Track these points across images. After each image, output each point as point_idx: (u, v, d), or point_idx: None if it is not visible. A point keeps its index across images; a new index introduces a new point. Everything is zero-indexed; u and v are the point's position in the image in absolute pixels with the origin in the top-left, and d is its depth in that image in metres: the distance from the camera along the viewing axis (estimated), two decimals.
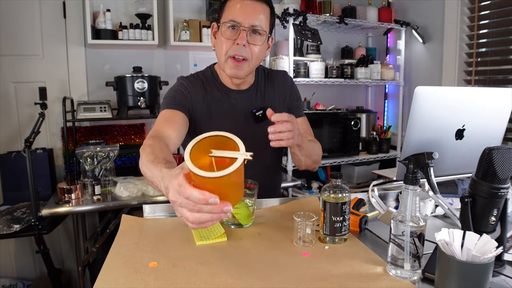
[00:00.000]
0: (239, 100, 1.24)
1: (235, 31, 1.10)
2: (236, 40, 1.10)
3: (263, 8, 1.12)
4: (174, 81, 2.54)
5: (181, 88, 1.20)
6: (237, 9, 1.09)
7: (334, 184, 0.92)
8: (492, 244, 0.64)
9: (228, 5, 1.12)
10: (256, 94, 1.27)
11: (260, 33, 1.12)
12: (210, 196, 0.61)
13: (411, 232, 0.73)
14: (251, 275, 0.77)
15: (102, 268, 0.79)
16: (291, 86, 1.33)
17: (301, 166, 1.22)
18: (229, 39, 1.11)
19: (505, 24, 2.09)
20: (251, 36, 1.11)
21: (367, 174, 2.80)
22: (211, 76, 1.26)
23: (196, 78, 1.25)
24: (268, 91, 1.29)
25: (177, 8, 2.37)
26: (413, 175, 0.76)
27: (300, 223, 0.90)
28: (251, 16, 1.09)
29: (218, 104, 1.22)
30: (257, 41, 1.12)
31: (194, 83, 1.22)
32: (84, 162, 1.92)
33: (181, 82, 1.23)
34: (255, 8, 1.10)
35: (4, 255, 2.24)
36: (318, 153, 1.25)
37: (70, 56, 2.28)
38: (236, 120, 1.23)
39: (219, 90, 1.24)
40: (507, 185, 0.77)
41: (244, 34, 1.09)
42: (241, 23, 1.09)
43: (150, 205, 1.16)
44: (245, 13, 1.08)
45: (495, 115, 1.03)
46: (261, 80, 1.29)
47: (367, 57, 2.72)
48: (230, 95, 1.24)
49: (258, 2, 1.11)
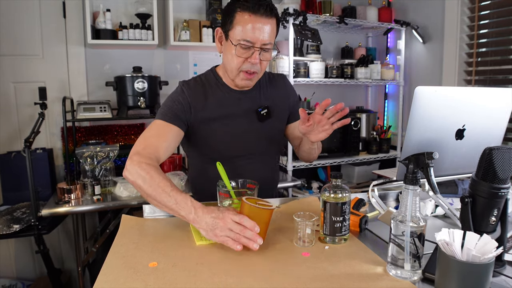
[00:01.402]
0: (242, 100, 1.26)
1: (248, 50, 1.12)
2: (249, 59, 1.13)
3: (271, 22, 1.12)
4: (174, 81, 2.55)
5: (179, 98, 1.20)
6: (250, 29, 1.09)
7: (334, 184, 0.92)
8: (492, 244, 0.64)
9: (238, 19, 1.10)
10: (259, 94, 1.29)
11: (270, 48, 1.15)
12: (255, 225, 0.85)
13: (411, 232, 0.73)
14: (251, 275, 0.77)
15: (102, 268, 0.79)
16: (290, 89, 1.38)
17: (302, 156, 1.31)
18: (241, 56, 1.13)
19: (505, 24, 2.09)
20: (262, 53, 1.14)
21: (367, 174, 2.80)
22: (213, 79, 1.26)
23: (198, 82, 1.25)
24: (270, 92, 1.31)
25: (177, 8, 2.37)
26: (413, 175, 0.76)
27: (300, 223, 0.90)
28: (262, 35, 1.10)
29: (222, 104, 1.23)
30: (267, 57, 1.16)
31: (194, 89, 1.22)
32: (84, 162, 1.92)
33: (181, 89, 1.22)
34: (265, 25, 1.10)
35: (4, 255, 2.24)
36: (317, 152, 1.32)
37: (70, 56, 2.28)
38: (240, 118, 1.25)
39: (222, 91, 1.25)
40: (507, 185, 0.77)
41: (257, 54, 1.12)
42: (254, 43, 1.10)
43: (150, 205, 1.16)
44: (257, 33, 1.09)
45: (495, 115, 1.03)
46: (263, 81, 1.32)
47: (367, 57, 2.71)
48: (234, 95, 1.25)
49: (269, 18, 1.11)
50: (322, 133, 1.09)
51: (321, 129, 1.09)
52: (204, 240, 0.93)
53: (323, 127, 1.08)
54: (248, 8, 1.08)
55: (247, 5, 1.08)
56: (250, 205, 0.87)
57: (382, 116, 3.05)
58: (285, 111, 1.34)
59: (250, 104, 1.26)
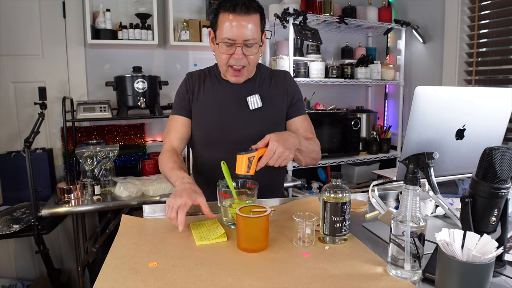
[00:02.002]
0: (236, 90, 1.32)
1: (230, 47, 1.19)
2: (233, 55, 1.20)
3: (253, 18, 1.18)
4: (174, 80, 2.56)
5: (182, 88, 1.36)
6: (230, 27, 1.16)
7: (334, 184, 0.92)
8: (492, 244, 0.64)
9: (221, 19, 1.18)
10: (254, 86, 1.34)
11: (254, 43, 1.20)
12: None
13: (411, 232, 0.73)
14: (251, 275, 0.76)
15: (101, 268, 0.79)
16: (291, 85, 1.38)
17: (302, 164, 1.30)
18: (226, 53, 1.21)
19: (505, 24, 2.09)
20: (246, 49, 1.20)
21: (367, 174, 2.80)
22: (214, 70, 1.37)
23: (201, 72, 1.38)
24: (267, 85, 1.36)
25: (177, 8, 2.37)
26: (413, 175, 0.76)
27: (300, 223, 0.90)
28: (243, 32, 1.16)
29: (216, 92, 1.33)
30: (252, 51, 1.22)
31: (196, 78, 1.36)
32: (84, 162, 1.92)
33: (185, 79, 1.38)
34: (246, 22, 1.16)
35: (3, 255, 2.24)
36: (317, 150, 1.31)
37: (69, 56, 2.28)
38: (231, 106, 1.31)
39: (218, 82, 1.34)
40: (508, 185, 0.77)
41: (240, 49, 1.19)
42: (235, 40, 1.17)
43: (150, 205, 1.16)
44: (238, 30, 1.16)
45: (496, 115, 1.03)
46: (262, 75, 1.37)
47: (367, 57, 2.71)
48: (228, 85, 1.33)
49: (248, 15, 1.16)
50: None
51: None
52: (204, 240, 0.93)
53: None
54: (227, 8, 1.16)
55: (226, 5, 1.16)
56: (244, 216, 0.87)
57: (382, 116, 3.05)
58: (283, 105, 1.36)
59: (243, 94, 1.32)
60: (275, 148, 1.05)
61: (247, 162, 1.03)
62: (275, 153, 1.05)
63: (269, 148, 1.05)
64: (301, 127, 1.35)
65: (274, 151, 1.05)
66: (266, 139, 1.07)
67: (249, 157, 1.03)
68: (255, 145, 1.07)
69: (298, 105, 1.38)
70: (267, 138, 1.07)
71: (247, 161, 1.03)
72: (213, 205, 1.20)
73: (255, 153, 1.04)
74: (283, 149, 1.05)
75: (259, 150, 1.05)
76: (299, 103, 1.38)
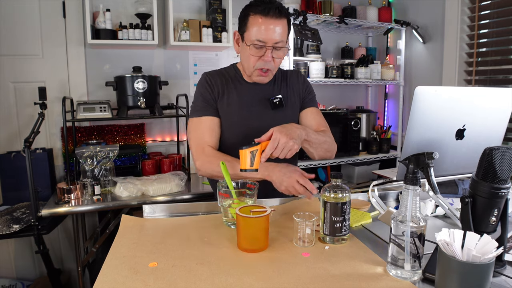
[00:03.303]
0: (258, 91, 1.35)
1: (261, 49, 1.22)
2: (262, 57, 1.23)
3: (283, 22, 1.21)
4: (174, 81, 2.55)
5: (206, 88, 1.33)
6: (262, 30, 1.19)
7: (334, 184, 0.92)
8: (492, 245, 0.64)
9: (251, 21, 1.20)
10: (273, 87, 1.38)
11: (282, 47, 1.24)
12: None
13: (411, 232, 0.73)
14: (251, 275, 0.76)
15: (101, 268, 0.79)
16: (303, 83, 1.43)
17: (315, 157, 1.30)
18: (255, 55, 1.23)
19: (505, 24, 2.09)
20: (275, 52, 1.23)
21: (367, 174, 2.80)
22: (233, 71, 1.39)
23: (219, 72, 1.39)
24: (283, 85, 1.40)
25: (177, 8, 2.37)
26: (413, 175, 0.76)
27: (300, 223, 0.90)
28: (274, 35, 1.19)
29: (239, 93, 1.34)
30: (280, 54, 1.25)
31: (215, 77, 1.36)
32: (84, 162, 1.92)
33: (205, 79, 1.36)
34: (277, 26, 1.19)
35: (3, 255, 2.24)
36: (329, 141, 1.31)
37: (69, 56, 2.28)
38: (255, 107, 1.33)
39: (240, 83, 1.36)
40: (508, 185, 0.77)
41: (269, 52, 1.22)
42: (266, 43, 1.20)
43: (150, 205, 1.16)
44: (269, 33, 1.19)
45: (496, 115, 1.03)
46: (278, 76, 1.41)
47: (367, 57, 2.71)
48: (250, 86, 1.35)
49: (279, 19, 1.19)
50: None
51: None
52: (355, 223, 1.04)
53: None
54: (259, 11, 1.18)
55: (258, 8, 1.18)
56: (244, 216, 0.87)
57: (382, 116, 3.05)
58: (298, 102, 1.40)
59: (264, 94, 1.35)
60: (278, 138, 1.04)
61: (250, 156, 1.02)
62: (278, 144, 1.03)
63: (272, 138, 1.04)
64: (313, 119, 1.38)
65: (277, 141, 1.03)
66: (270, 132, 1.07)
67: (251, 151, 1.02)
68: (258, 139, 1.06)
69: (310, 98, 1.42)
70: (271, 130, 1.07)
71: (249, 155, 1.02)
72: (213, 205, 1.20)
73: (257, 146, 1.03)
74: (286, 139, 1.04)
75: (262, 144, 1.04)
76: (311, 96, 1.43)
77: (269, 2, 1.19)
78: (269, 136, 1.06)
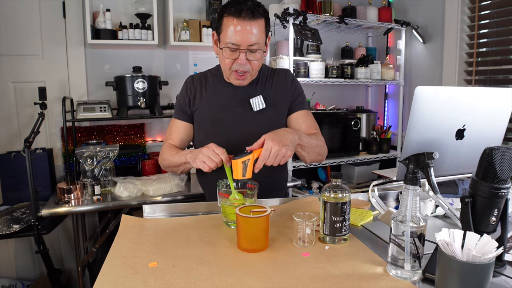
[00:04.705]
0: (238, 92, 1.31)
1: (235, 52, 1.18)
2: (237, 60, 1.19)
3: (258, 23, 1.16)
4: (174, 81, 2.55)
5: (182, 93, 1.36)
6: (235, 32, 1.14)
7: (334, 184, 0.92)
8: (492, 245, 0.64)
9: (226, 23, 1.16)
10: (256, 87, 1.33)
11: (258, 49, 1.19)
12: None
13: (411, 232, 0.73)
14: (251, 275, 0.76)
15: (101, 268, 0.79)
16: (292, 82, 1.37)
17: (307, 161, 1.28)
18: (229, 58, 1.20)
19: (505, 24, 2.09)
20: (250, 54, 1.19)
21: (367, 174, 2.80)
22: (216, 72, 1.36)
23: (203, 75, 1.38)
24: (269, 85, 1.35)
25: (177, 8, 2.37)
26: (413, 175, 0.76)
27: (300, 223, 0.90)
28: (248, 37, 1.15)
29: (218, 94, 1.32)
30: (256, 56, 1.21)
31: (197, 81, 1.35)
32: (84, 162, 1.92)
33: (185, 83, 1.37)
34: (251, 27, 1.15)
35: (3, 255, 2.24)
36: (320, 144, 1.28)
37: (69, 56, 2.28)
38: (235, 108, 1.30)
39: (221, 83, 1.34)
40: (508, 185, 0.77)
41: (243, 55, 1.18)
42: (239, 45, 1.16)
43: (150, 205, 1.16)
44: (243, 36, 1.14)
45: (496, 115, 1.03)
46: (264, 76, 1.36)
47: (367, 57, 2.71)
48: (231, 87, 1.32)
49: (253, 20, 1.14)
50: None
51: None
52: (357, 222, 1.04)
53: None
54: (232, 13, 1.14)
55: (231, 10, 1.14)
56: (244, 216, 0.87)
57: (382, 116, 3.05)
58: (285, 104, 1.35)
59: (245, 95, 1.30)
60: (270, 147, 1.01)
61: (242, 166, 1.01)
62: (271, 153, 1.01)
63: (264, 148, 1.02)
64: (303, 123, 1.34)
65: (269, 151, 1.01)
66: (261, 139, 1.04)
67: (243, 161, 1.01)
68: (250, 147, 1.04)
69: (299, 101, 1.37)
70: (262, 138, 1.04)
71: (241, 166, 1.01)
72: (213, 205, 1.20)
73: (249, 155, 1.02)
74: (278, 147, 1.02)
75: (254, 152, 1.03)
76: (300, 98, 1.37)
77: (242, 2, 1.14)
78: (261, 144, 1.04)
